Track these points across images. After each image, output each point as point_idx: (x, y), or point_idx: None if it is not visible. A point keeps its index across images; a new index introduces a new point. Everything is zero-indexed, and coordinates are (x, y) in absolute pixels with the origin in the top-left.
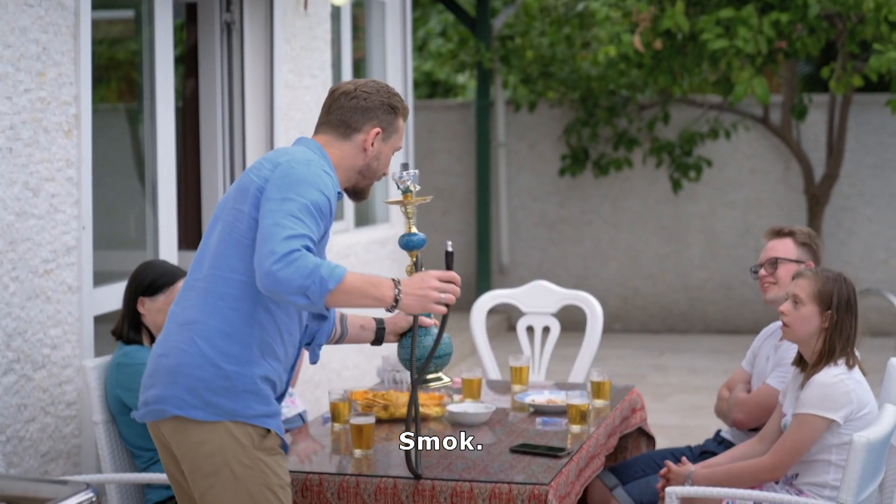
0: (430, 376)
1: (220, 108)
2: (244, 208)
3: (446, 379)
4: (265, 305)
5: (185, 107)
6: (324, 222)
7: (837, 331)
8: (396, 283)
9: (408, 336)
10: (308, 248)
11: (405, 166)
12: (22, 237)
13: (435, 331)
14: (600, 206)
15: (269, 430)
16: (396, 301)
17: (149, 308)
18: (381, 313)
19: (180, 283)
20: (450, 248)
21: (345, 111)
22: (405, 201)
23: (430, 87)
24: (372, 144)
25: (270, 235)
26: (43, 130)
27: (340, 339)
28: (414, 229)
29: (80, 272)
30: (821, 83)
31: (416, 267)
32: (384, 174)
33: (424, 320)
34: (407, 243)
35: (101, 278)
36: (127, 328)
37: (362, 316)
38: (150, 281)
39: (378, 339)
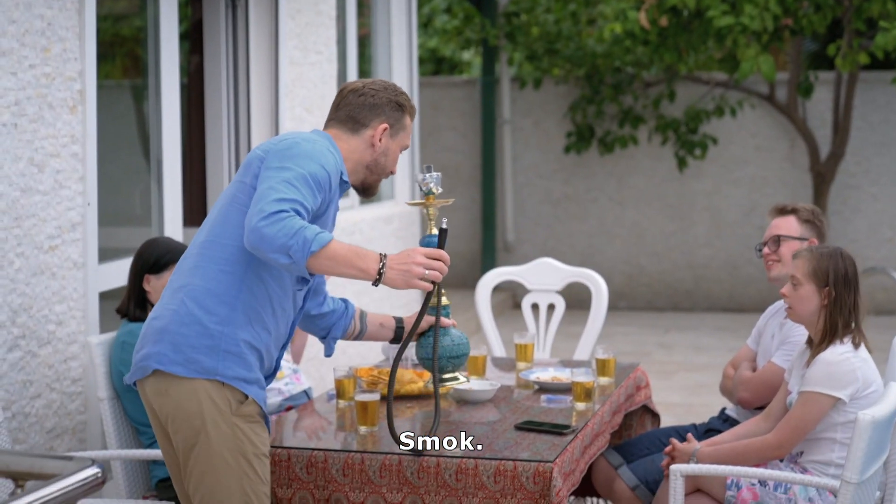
0: (446, 375)
1: (225, 85)
2: (246, 179)
3: (462, 378)
4: (257, 273)
5: (190, 83)
6: (321, 195)
7: (837, 307)
8: (383, 256)
9: (426, 336)
10: (298, 213)
11: (428, 168)
12: (27, 213)
13: (454, 332)
14: (605, 184)
15: (247, 397)
16: (380, 274)
17: (154, 286)
18: (399, 311)
19: None
20: (444, 226)
21: (353, 107)
22: (427, 203)
23: (435, 64)
24: (380, 140)
25: (263, 196)
26: (48, 106)
27: (359, 336)
28: (434, 231)
29: (86, 248)
30: (827, 61)
31: None
32: (392, 172)
33: (444, 321)
34: (429, 244)
35: (106, 255)
36: (132, 306)
37: (382, 315)
38: (156, 258)
39: (396, 338)
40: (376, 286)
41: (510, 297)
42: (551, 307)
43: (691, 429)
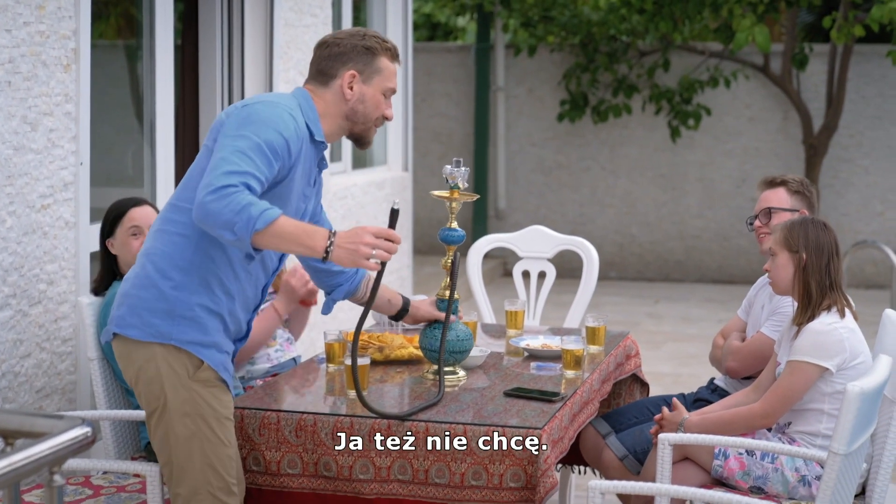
0: (446, 368)
1: (220, 47)
2: (209, 143)
3: (462, 373)
4: (218, 245)
5: (183, 45)
6: (278, 162)
7: (809, 271)
8: (332, 234)
9: (432, 327)
10: (248, 186)
11: (458, 163)
12: (20, 171)
13: (460, 326)
14: (598, 153)
15: (202, 362)
16: (327, 252)
17: (116, 247)
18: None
19: (133, 212)
20: (395, 206)
21: (320, 60)
22: (451, 197)
23: (429, 30)
24: (350, 88)
25: (213, 168)
26: (42, 64)
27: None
28: (454, 224)
29: (78, 208)
30: (822, 33)
31: (452, 264)
32: (385, 118)
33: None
34: (447, 238)
35: (98, 215)
36: (104, 276)
37: (393, 291)
38: (106, 220)
39: (397, 317)
40: (324, 263)
41: (501, 265)
42: (542, 275)
43: (680, 398)
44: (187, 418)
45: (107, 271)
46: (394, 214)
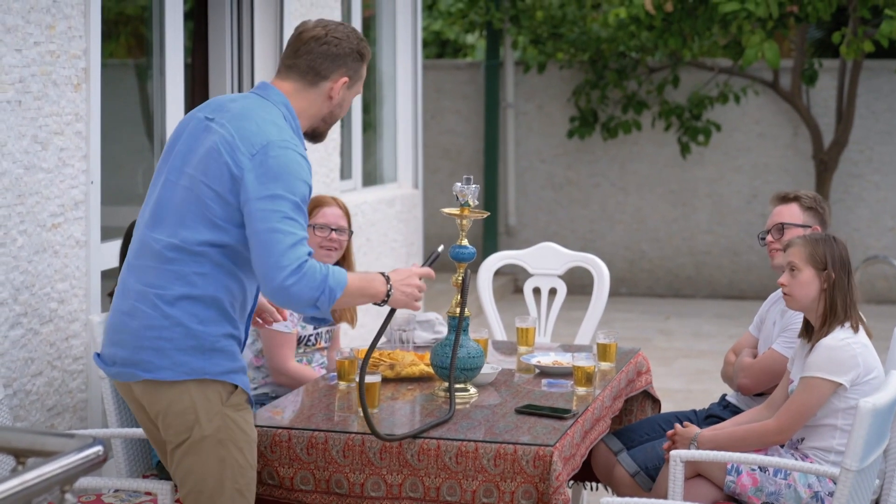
0: (457, 385)
1: (229, 65)
2: (218, 188)
3: (473, 390)
4: (233, 272)
5: (193, 63)
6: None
7: (838, 289)
8: (387, 278)
9: (442, 344)
10: (309, 252)
11: (468, 180)
12: (30, 191)
13: (471, 344)
14: (608, 169)
15: (235, 387)
16: (388, 296)
17: None
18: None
19: None
20: (440, 250)
21: (314, 57)
22: (461, 214)
23: (439, 47)
24: (338, 93)
25: (272, 244)
26: (52, 84)
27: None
28: (465, 242)
29: (88, 227)
30: (831, 48)
31: (463, 282)
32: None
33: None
34: (457, 255)
35: (108, 233)
36: None
37: None
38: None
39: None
40: (380, 305)
41: (511, 282)
42: (553, 291)
43: (691, 415)
44: (220, 446)
45: None
46: (434, 257)
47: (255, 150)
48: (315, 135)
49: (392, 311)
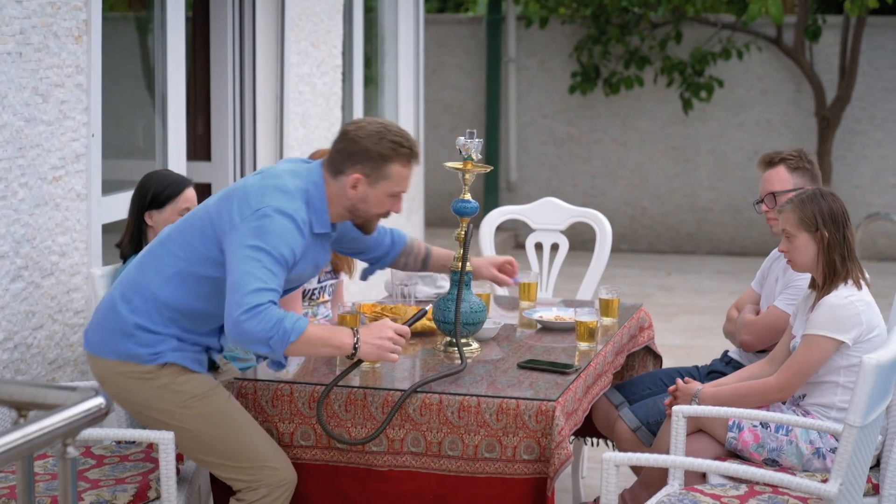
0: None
1: (231, 19)
2: (212, 209)
3: (475, 345)
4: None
5: (195, 16)
6: (289, 270)
7: (833, 246)
8: (355, 332)
9: (445, 299)
10: (273, 301)
11: (471, 134)
12: (31, 143)
13: (473, 298)
14: (610, 125)
15: (163, 366)
16: (355, 349)
17: (157, 220)
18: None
19: (188, 192)
20: (427, 310)
21: (336, 151)
22: (464, 168)
23: (441, 1)
24: (355, 188)
25: (242, 285)
26: (53, 35)
27: (423, 269)
28: (468, 196)
29: (89, 180)
30: (835, 4)
31: (465, 235)
32: (386, 214)
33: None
34: (460, 209)
35: (109, 187)
36: (127, 241)
37: (447, 255)
38: (156, 193)
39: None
40: (351, 359)
41: (512, 237)
42: (555, 247)
43: (693, 370)
44: (173, 407)
45: (135, 240)
46: (419, 317)
47: (255, 209)
48: (358, 227)
49: (359, 361)
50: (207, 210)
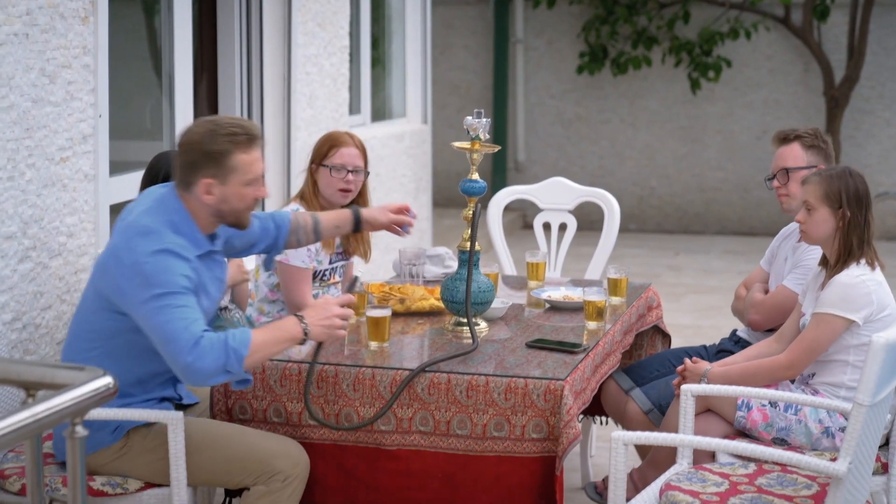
0: (465, 320)
1: None
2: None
3: (483, 325)
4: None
5: None
6: (196, 292)
7: (853, 227)
8: (300, 318)
9: (453, 279)
10: (206, 330)
11: (479, 114)
12: (38, 124)
13: (481, 278)
14: (618, 105)
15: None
16: (306, 334)
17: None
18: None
19: None
20: (358, 277)
21: (179, 167)
22: (472, 148)
23: None
24: (209, 193)
25: (170, 334)
26: (59, 16)
27: (316, 241)
28: (476, 176)
29: (97, 160)
30: None
31: (474, 215)
32: (253, 204)
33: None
34: (468, 189)
35: (116, 168)
36: None
37: (337, 215)
38: (167, 173)
39: (355, 228)
40: (303, 345)
41: (520, 218)
42: (563, 227)
43: (702, 350)
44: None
45: None
46: (354, 284)
47: (131, 264)
48: (233, 225)
49: (319, 343)
50: (94, 289)
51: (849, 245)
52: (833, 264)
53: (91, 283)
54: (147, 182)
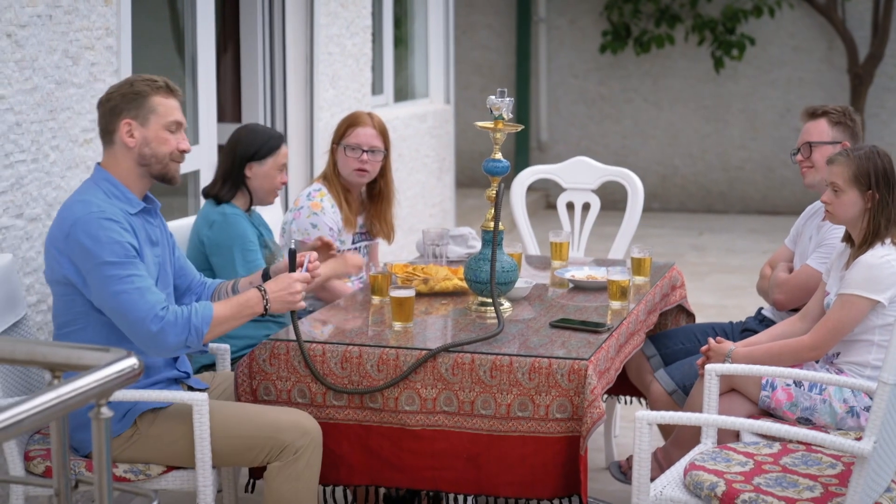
0: (489, 300)
1: None
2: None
3: (507, 305)
4: None
5: None
6: (140, 257)
7: (881, 208)
8: (263, 293)
9: (477, 259)
10: (167, 301)
11: (502, 93)
12: (62, 106)
13: (505, 258)
14: (641, 84)
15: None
16: (266, 308)
17: (256, 172)
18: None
19: (286, 148)
20: (293, 246)
21: (100, 119)
22: (495, 128)
23: None
24: (131, 136)
25: (127, 307)
26: None
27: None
28: (499, 155)
29: None
30: None
31: (497, 195)
32: (181, 150)
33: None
34: (492, 169)
35: None
36: (227, 186)
37: (252, 277)
38: (258, 146)
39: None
40: (264, 315)
41: (543, 198)
42: (586, 206)
43: (727, 326)
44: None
45: (234, 187)
46: (292, 255)
47: (66, 234)
48: (161, 179)
49: (295, 320)
50: (52, 280)
51: (877, 226)
52: (859, 245)
53: (47, 275)
54: (238, 156)
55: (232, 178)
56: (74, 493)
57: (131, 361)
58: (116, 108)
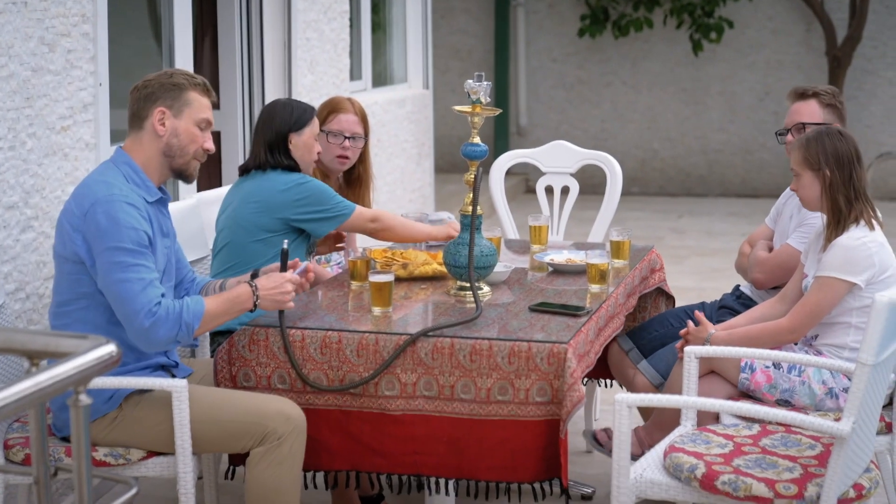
0: (468, 284)
1: None
2: (66, 254)
3: (486, 289)
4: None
5: None
6: (151, 250)
7: (835, 187)
8: (254, 289)
9: (456, 243)
10: (163, 294)
11: (479, 77)
12: (38, 93)
13: (484, 242)
14: (620, 68)
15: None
16: (255, 305)
17: (297, 143)
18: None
19: (317, 119)
20: (285, 246)
21: (133, 104)
22: (473, 112)
23: None
24: (162, 124)
25: (123, 293)
26: None
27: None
28: (477, 140)
29: (97, 129)
30: None
31: (475, 179)
32: (205, 150)
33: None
34: (470, 153)
35: (117, 136)
36: (275, 154)
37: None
38: (297, 117)
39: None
40: (252, 312)
41: (523, 182)
42: (565, 190)
43: (699, 307)
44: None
45: (275, 155)
46: (284, 255)
47: (85, 211)
48: (179, 174)
49: (282, 316)
50: (61, 256)
51: (836, 205)
52: (828, 225)
53: (56, 250)
54: (277, 128)
55: (279, 149)
56: (54, 480)
57: (110, 348)
58: (153, 94)
